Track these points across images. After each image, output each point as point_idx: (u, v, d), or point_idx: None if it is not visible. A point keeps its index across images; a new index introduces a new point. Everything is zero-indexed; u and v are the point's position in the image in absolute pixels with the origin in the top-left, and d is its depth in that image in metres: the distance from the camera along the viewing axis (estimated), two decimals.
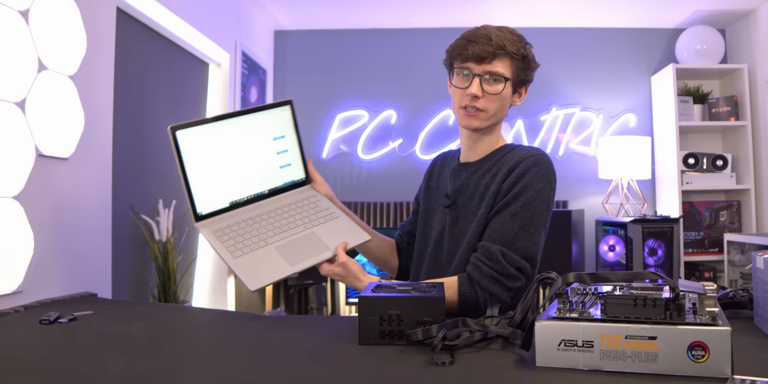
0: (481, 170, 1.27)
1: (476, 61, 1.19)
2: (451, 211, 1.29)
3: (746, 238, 3.00)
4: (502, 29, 1.22)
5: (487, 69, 1.19)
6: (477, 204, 1.24)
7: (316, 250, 1.21)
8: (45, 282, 1.48)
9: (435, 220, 1.35)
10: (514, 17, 3.65)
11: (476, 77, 1.20)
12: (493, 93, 1.20)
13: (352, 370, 0.80)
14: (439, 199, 1.35)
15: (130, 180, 2.19)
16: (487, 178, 1.25)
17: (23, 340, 1.00)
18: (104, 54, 1.82)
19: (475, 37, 1.20)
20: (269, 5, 3.48)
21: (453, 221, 1.28)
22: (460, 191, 1.29)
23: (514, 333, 0.86)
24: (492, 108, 1.22)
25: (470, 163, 1.31)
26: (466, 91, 1.21)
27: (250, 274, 1.12)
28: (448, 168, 1.38)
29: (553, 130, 3.79)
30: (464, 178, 1.29)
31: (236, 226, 1.20)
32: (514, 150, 1.27)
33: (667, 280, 0.76)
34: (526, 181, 1.18)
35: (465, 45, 1.20)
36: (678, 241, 3.07)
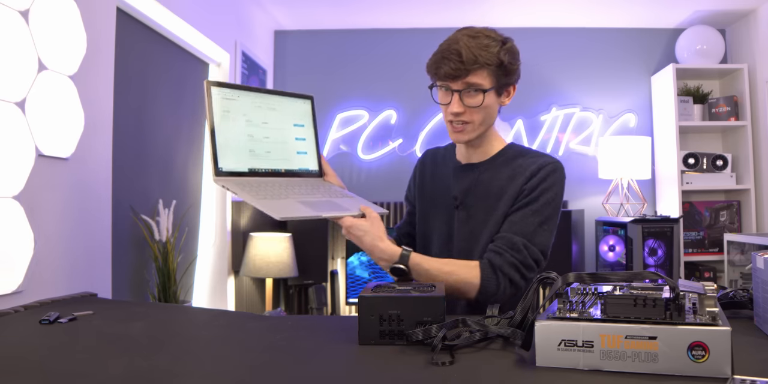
0: (489, 171, 1.30)
1: (451, 78, 1.19)
2: (460, 211, 1.30)
3: (746, 238, 3.00)
4: (476, 36, 1.19)
5: (465, 82, 1.19)
6: (492, 204, 1.26)
7: (338, 208, 1.21)
8: (45, 282, 1.48)
9: (438, 221, 1.35)
10: (514, 17, 3.65)
11: (455, 93, 1.20)
12: (474, 106, 1.21)
13: (352, 370, 0.80)
14: (441, 200, 1.35)
15: (130, 180, 2.19)
16: (502, 180, 1.27)
17: (23, 340, 1.00)
18: (104, 54, 1.82)
19: (447, 54, 1.18)
20: (269, 5, 3.48)
21: (463, 221, 1.30)
22: (469, 191, 1.30)
23: (514, 333, 0.86)
24: (477, 119, 1.23)
25: (475, 164, 1.33)
26: (448, 108, 1.23)
27: (275, 209, 1.11)
28: (443, 168, 1.39)
29: (553, 130, 3.79)
30: (471, 179, 1.31)
31: (257, 184, 1.20)
32: (527, 154, 1.30)
33: (667, 280, 0.76)
34: (547, 184, 1.24)
35: (439, 62, 1.19)
36: (678, 241, 3.07)
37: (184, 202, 2.64)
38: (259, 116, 1.25)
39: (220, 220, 2.93)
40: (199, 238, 2.82)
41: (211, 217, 2.92)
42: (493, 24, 1.27)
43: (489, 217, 1.26)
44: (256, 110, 1.25)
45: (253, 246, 2.97)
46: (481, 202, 1.28)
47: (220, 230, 2.93)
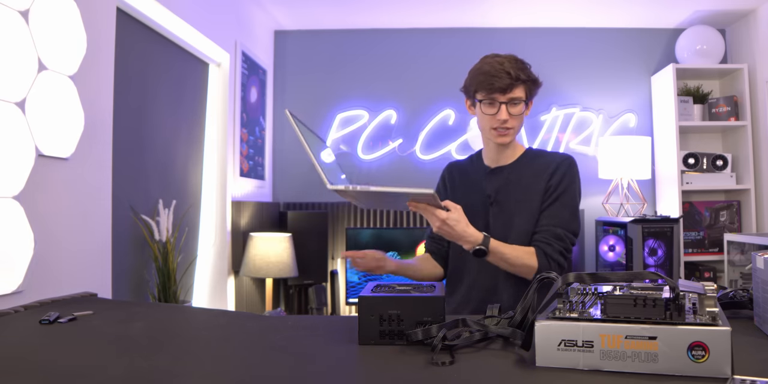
0: (516, 171, 1.57)
1: (501, 92, 1.48)
2: (494, 207, 1.55)
3: (746, 238, 3.00)
4: (511, 60, 1.50)
5: (509, 97, 1.49)
6: (521, 199, 1.53)
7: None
8: (45, 282, 1.48)
9: (474, 217, 1.48)
10: (514, 17, 3.65)
11: (503, 105, 1.49)
12: (517, 114, 1.52)
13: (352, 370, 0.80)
14: (475, 199, 1.58)
15: (130, 180, 2.19)
16: (528, 178, 1.55)
17: (23, 340, 1.00)
18: (104, 54, 1.82)
19: (496, 72, 1.47)
20: (269, 5, 3.48)
21: (497, 215, 1.54)
22: (500, 189, 1.56)
23: (514, 333, 0.86)
24: (517, 125, 1.54)
25: (503, 166, 1.60)
26: (496, 116, 1.50)
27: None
28: (474, 173, 1.64)
29: (553, 130, 3.79)
30: (502, 179, 1.57)
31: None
32: (544, 154, 1.61)
33: (667, 280, 0.76)
34: (569, 178, 1.54)
35: (490, 80, 1.47)
36: (678, 241, 3.07)
37: (184, 202, 2.64)
38: (321, 146, 1.41)
39: (220, 220, 2.93)
40: (199, 238, 2.82)
41: (211, 217, 2.92)
42: (493, 24, 1.31)
43: (520, 209, 1.53)
44: (316, 140, 1.40)
45: (253, 246, 2.97)
46: (512, 197, 1.55)
47: (220, 230, 2.93)
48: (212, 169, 2.95)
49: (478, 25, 3.79)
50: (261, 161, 3.56)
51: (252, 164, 3.38)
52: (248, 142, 3.30)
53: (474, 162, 1.69)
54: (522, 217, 1.52)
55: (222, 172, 2.95)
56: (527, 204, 1.53)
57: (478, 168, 1.65)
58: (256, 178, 3.45)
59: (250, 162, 3.33)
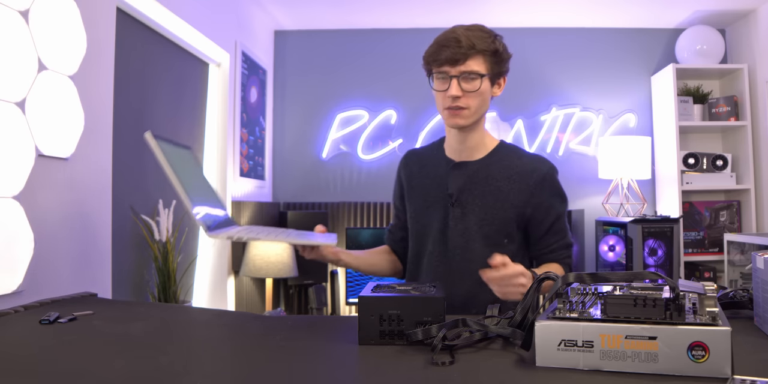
0: (485, 169, 1.37)
1: (450, 63, 1.27)
2: (456, 209, 1.36)
3: (746, 238, 3.00)
4: (471, 28, 1.29)
5: (461, 69, 1.27)
6: (490, 204, 1.34)
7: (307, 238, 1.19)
8: (45, 282, 1.48)
9: (431, 218, 1.40)
10: (514, 17, 3.65)
11: (453, 79, 1.28)
12: (471, 90, 1.28)
13: (352, 370, 0.80)
14: (435, 197, 1.40)
15: (130, 180, 2.19)
16: (500, 181, 1.36)
17: (23, 340, 1.00)
18: (104, 54, 1.82)
19: (446, 42, 1.27)
20: (269, 5, 3.48)
21: (458, 218, 1.36)
22: (464, 189, 1.36)
23: (514, 333, 0.86)
24: (473, 104, 1.31)
25: (469, 162, 1.39)
26: (447, 93, 1.29)
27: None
28: (434, 166, 1.43)
29: (553, 130, 3.79)
30: (467, 177, 1.37)
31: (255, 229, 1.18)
32: (520, 155, 1.40)
33: (667, 280, 0.76)
34: (558, 190, 1.41)
35: (438, 50, 1.28)
36: (678, 241, 3.07)
37: None
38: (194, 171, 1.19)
39: None
40: (199, 238, 2.82)
41: None
42: (493, 24, 1.30)
43: (487, 217, 1.34)
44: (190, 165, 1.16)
45: (253, 246, 2.97)
46: (478, 200, 1.35)
47: None
48: (212, 169, 2.95)
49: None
50: (261, 161, 3.56)
51: (252, 164, 3.38)
52: (248, 142, 3.30)
53: (435, 152, 1.47)
54: (489, 225, 1.34)
55: (222, 172, 2.95)
56: (495, 212, 1.34)
57: (440, 159, 1.43)
58: (256, 178, 3.45)
59: (250, 162, 3.33)
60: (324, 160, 3.84)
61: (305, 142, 3.86)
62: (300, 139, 3.86)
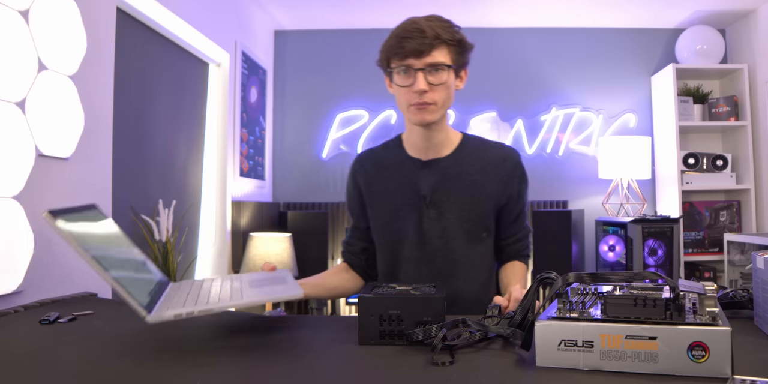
0: (456, 165, 1.32)
1: (415, 55, 1.19)
2: (430, 209, 1.30)
3: (746, 238, 3.00)
4: (430, 18, 1.23)
5: (427, 61, 1.20)
6: (466, 199, 1.30)
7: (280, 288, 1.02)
8: (45, 282, 1.48)
9: (403, 223, 1.32)
10: (514, 17, 3.65)
11: (419, 72, 1.20)
12: (438, 83, 1.21)
13: (352, 370, 0.80)
14: (405, 200, 1.32)
15: (130, 180, 2.19)
16: (474, 175, 1.31)
17: (23, 340, 1.00)
18: (104, 54, 1.82)
19: (407, 33, 1.19)
20: (269, 5, 3.48)
21: (435, 219, 1.30)
22: (438, 188, 1.30)
23: (514, 333, 0.86)
24: (440, 98, 1.23)
25: (439, 159, 1.32)
26: (413, 88, 1.21)
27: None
28: (397, 167, 1.35)
29: (553, 130, 3.79)
30: (439, 175, 1.31)
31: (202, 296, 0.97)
32: (488, 145, 1.36)
33: (667, 280, 0.76)
34: (525, 179, 1.38)
35: (399, 42, 1.20)
36: (678, 241, 3.07)
37: (184, 202, 2.64)
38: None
39: (220, 220, 2.93)
40: (199, 238, 2.82)
41: (211, 217, 2.92)
42: (493, 24, 1.29)
43: (465, 213, 1.30)
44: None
45: (253, 246, 2.97)
46: (454, 197, 1.30)
47: (220, 230, 2.93)
48: (212, 169, 2.95)
49: (478, 25, 3.79)
50: (261, 161, 3.56)
51: (252, 164, 3.38)
52: (248, 142, 3.30)
53: (393, 152, 1.38)
54: (468, 221, 1.30)
55: (222, 172, 2.95)
56: (473, 207, 1.30)
57: (403, 160, 1.35)
58: (256, 178, 3.45)
59: (250, 162, 3.33)
60: (324, 160, 3.84)
61: (305, 142, 3.86)
62: (300, 139, 3.86)
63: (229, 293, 0.93)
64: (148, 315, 0.81)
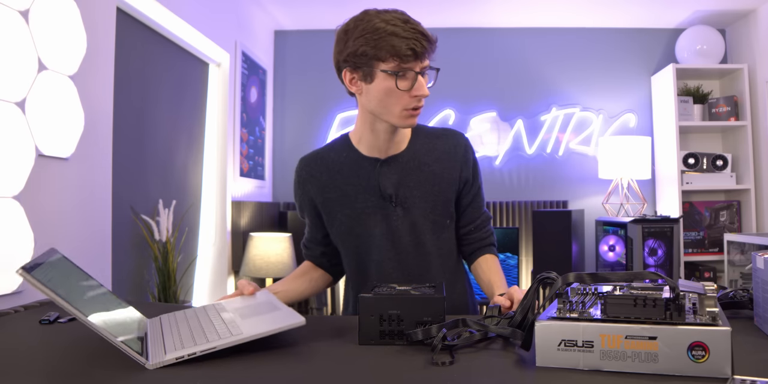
0: (414, 159, 1.28)
1: (419, 59, 1.14)
2: (397, 208, 1.27)
3: (746, 238, 3.00)
4: (408, 17, 1.19)
5: (425, 65, 1.17)
6: (429, 190, 1.28)
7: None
8: None
9: (368, 226, 1.28)
10: (514, 17, 3.65)
11: (419, 76, 1.16)
12: (430, 87, 1.19)
13: (352, 370, 0.80)
14: (364, 203, 1.28)
15: (130, 180, 2.19)
16: (431, 165, 1.28)
17: (23, 340, 1.00)
18: (104, 54, 1.82)
19: (410, 34, 1.13)
20: (269, 5, 3.48)
21: (402, 216, 1.27)
22: (401, 184, 1.27)
23: (514, 333, 0.86)
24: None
25: (398, 155, 1.28)
26: (413, 92, 1.16)
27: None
28: (351, 171, 1.29)
29: (553, 130, 3.79)
30: (400, 170, 1.27)
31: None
32: (437, 132, 1.33)
33: (667, 280, 0.76)
34: (476, 162, 1.36)
35: (406, 43, 1.12)
36: (678, 241, 3.07)
37: (184, 202, 2.64)
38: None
39: (220, 220, 2.93)
40: (199, 238, 2.82)
41: (211, 217, 2.92)
42: (493, 24, 1.29)
43: (429, 205, 1.28)
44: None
45: (253, 246, 2.97)
46: (417, 190, 1.27)
47: (220, 230, 2.93)
48: (212, 169, 2.95)
49: (478, 25, 3.79)
50: (261, 161, 3.56)
51: (252, 164, 3.38)
52: (248, 142, 3.30)
53: (344, 154, 1.30)
54: (433, 212, 1.28)
55: (222, 172, 2.95)
56: (436, 197, 1.28)
57: (358, 160, 1.28)
58: (256, 178, 3.45)
59: (250, 162, 3.33)
60: None
61: (305, 142, 3.86)
62: (300, 139, 3.86)
63: (225, 327, 0.89)
64: (147, 362, 0.79)
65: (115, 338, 0.80)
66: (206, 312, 1.03)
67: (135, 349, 0.81)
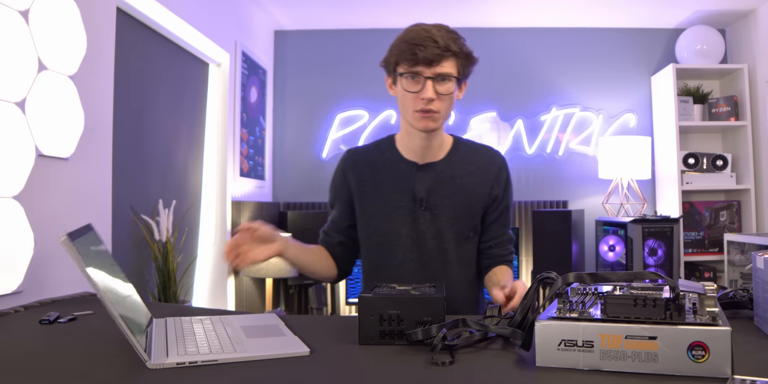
0: (449, 169, 1.36)
1: (426, 64, 1.23)
2: (425, 211, 1.34)
3: (746, 238, 3.00)
4: (440, 29, 1.25)
5: (437, 71, 1.23)
6: (458, 202, 1.34)
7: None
8: (45, 282, 1.48)
9: (396, 225, 1.34)
10: (514, 17, 3.65)
11: (428, 80, 1.24)
12: (445, 93, 1.25)
13: (352, 370, 0.80)
14: (400, 202, 1.34)
15: (130, 180, 2.19)
16: (465, 178, 1.36)
17: (23, 340, 1.00)
18: (104, 54, 1.82)
19: (421, 41, 1.22)
20: (269, 5, 3.48)
21: (430, 221, 1.34)
22: (433, 191, 1.34)
23: (514, 333, 0.86)
24: (444, 108, 1.28)
25: (435, 163, 1.36)
26: (420, 95, 1.24)
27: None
28: (389, 170, 1.36)
29: (553, 130, 3.79)
30: (433, 178, 1.35)
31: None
32: (477, 148, 1.41)
33: (667, 280, 0.76)
34: (510, 182, 1.43)
35: (412, 49, 1.23)
36: (678, 241, 3.06)
37: (184, 202, 2.64)
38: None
39: (220, 220, 2.93)
40: (199, 238, 2.82)
41: (211, 217, 2.92)
42: (493, 24, 1.30)
43: (456, 215, 1.35)
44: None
45: None
46: (447, 199, 1.34)
47: (220, 230, 2.93)
48: (212, 169, 2.95)
49: (478, 25, 3.79)
50: (261, 161, 3.56)
51: (252, 164, 3.38)
52: (248, 142, 3.30)
53: (386, 154, 1.40)
54: (458, 223, 1.34)
55: (222, 172, 2.95)
56: (464, 209, 1.35)
57: (397, 162, 1.37)
58: (256, 178, 3.45)
59: (250, 162, 3.33)
60: (324, 160, 3.84)
61: (305, 142, 3.86)
62: (300, 139, 3.86)
63: (228, 341, 0.91)
64: (150, 360, 0.80)
65: (129, 331, 0.80)
66: (211, 323, 1.05)
67: (142, 345, 0.82)
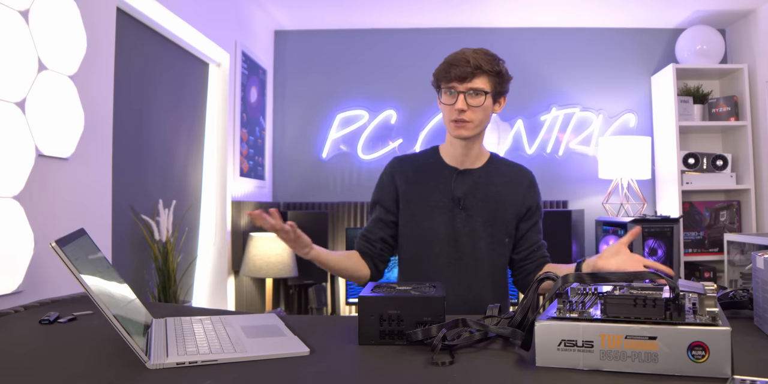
0: (485, 176, 1.53)
1: (459, 80, 1.42)
2: (461, 212, 1.49)
3: (746, 238, 3.00)
4: (477, 51, 1.46)
5: (468, 86, 1.42)
6: (492, 207, 1.50)
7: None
8: (45, 282, 1.48)
9: (436, 222, 1.50)
10: (513, 17, 3.65)
11: (461, 94, 1.42)
12: (476, 105, 1.42)
13: (352, 370, 0.80)
14: (439, 202, 1.51)
15: (130, 180, 2.19)
16: (499, 186, 1.52)
17: (23, 340, 1.00)
18: (104, 54, 1.83)
19: (456, 61, 1.43)
20: (269, 5, 3.48)
21: (465, 220, 1.49)
22: (469, 193, 1.50)
23: (514, 333, 0.86)
24: (477, 118, 1.44)
25: (473, 170, 1.53)
26: (454, 106, 1.42)
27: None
28: (436, 172, 1.54)
29: (553, 130, 3.79)
30: (471, 183, 1.51)
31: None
32: (509, 164, 1.59)
33: (667, 280, 0.76)
34: (539, 194, 1.58)
35: (448, 68, 1.43)
36: (678, 241, 3.07)
37: (184, 202, 2.64)
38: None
39: (220, 220, 2.93)
40: (199, 238, 2.82)
41: (211, 217, 2.92)
42: (493, 24, 1.32)
43: (490, 218, 1.50)
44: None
45: (253, 246, 2.97)
46: (482, 203, 1.50)
47: (220, 230, 2.93)
48: (212, 169, 2.95)
49: (478, 25, 3.79)
50: (261, 161, 3.56)
51: (252, 164, 3.38)
52: (248, 142, 3.30)
53: (431, 159, 1.58)
54: (492, 226, 1.49)
55: (222, 172, 2.95)
56: (497, 213, 1.50)
57: (440, 167, 1.55)
58: (256, 178, 3.45)
59: (250, 162, 3.33)
60: (324, 160, 3.84)
61: (305, 142, 3.86)
62: (300, 139, 3.86)
63: (228, 341, 0.92)
64: (149, 360, 0.81)
65: (125, 332, 0.81)
66: (211, 323, 1.06)
67: (140, 346, 0.82)
